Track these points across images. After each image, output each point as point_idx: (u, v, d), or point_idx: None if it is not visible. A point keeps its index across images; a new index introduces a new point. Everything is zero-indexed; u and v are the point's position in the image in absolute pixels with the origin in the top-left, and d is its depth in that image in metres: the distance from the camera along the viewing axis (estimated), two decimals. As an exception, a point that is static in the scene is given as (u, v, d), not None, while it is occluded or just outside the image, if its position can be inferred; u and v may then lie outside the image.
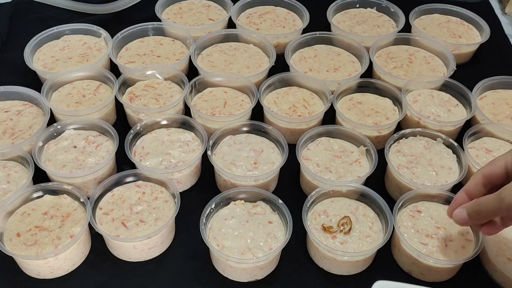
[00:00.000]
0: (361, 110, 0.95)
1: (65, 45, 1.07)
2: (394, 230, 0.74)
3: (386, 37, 1.11)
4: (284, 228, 0.75)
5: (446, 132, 0.90)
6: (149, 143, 0.87)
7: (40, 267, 0.72)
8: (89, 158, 0.84)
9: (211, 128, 0.91)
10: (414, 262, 0.74)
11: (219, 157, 0.85)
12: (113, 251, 0.77)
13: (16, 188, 0.79)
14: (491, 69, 1.06)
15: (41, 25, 1.12)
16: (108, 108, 0.95)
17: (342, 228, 0.74)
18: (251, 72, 1.02)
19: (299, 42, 1.09)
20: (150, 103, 0.93)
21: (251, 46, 1.09)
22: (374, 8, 1.21)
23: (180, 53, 1.06)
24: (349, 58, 1.07)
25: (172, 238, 0.79)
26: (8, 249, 0.71)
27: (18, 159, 0.84)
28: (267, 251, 0.71)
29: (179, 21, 1.15)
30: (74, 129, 0.88)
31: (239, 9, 1.19)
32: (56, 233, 0.73)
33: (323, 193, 0.79)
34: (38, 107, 0.94)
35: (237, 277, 0.74)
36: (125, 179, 0.81)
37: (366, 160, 0.86)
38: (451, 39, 1.13)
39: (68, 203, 0.77)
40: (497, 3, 1.32)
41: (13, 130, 0.89)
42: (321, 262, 0.76)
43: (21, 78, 1.03)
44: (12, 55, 1.09)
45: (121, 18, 1.19)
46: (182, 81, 0.96)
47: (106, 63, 1.05)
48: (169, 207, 0.77)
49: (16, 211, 0.76)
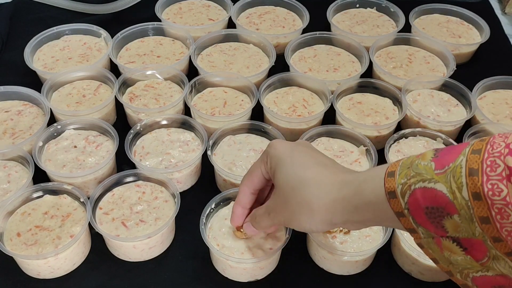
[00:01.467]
0: (361, 110, 0.95)
1: (65, 45, 1.08)
2: (394, 230, 0.74)
3: (386, 37, 1.11)
4: (284, 228, 0.75)
5: (446, 132, 0.90)
6: (149, 143, 0.87)
7: (40, 267, 0.72)
8: (89, 158, 0.84)
9: (211, 128, 0.91)
10: (414, 262, 0.74)
11: (219, 157, 0.85)
12: (113, 251, 0.77)
13: (16, 188, 0.79)
14: (491, 69, 1.06)
15: (41, 25, 1.12)
16: (108, 108, 0.95)
17: (342, 228, 0.74)
18: (251, 72, 1.02)
19: (299, 42, 1.09)
20: (150, 103, 0.93)
21: (251, 46, 1.09)
22: (374, 8, 1.21)
23: (180, 53, 1.06)
24: (349, 58, 1.07)
25: (172, 238, 0.79)
26: (8, 249, 0.71)
27: (18, 159, 0.84)
28: (267, 251, 0.71)
29: (179, 21, 1.15)
30: (74, 129, 0.88)
31: (239, 9, 1.19)
32: (57, 233, 0.73)
33: (323, 193, 0.79)
34: (38, 107, 0.94)
35: (237, 277, 0.74)
36: (125, 179, 0.81)
37: (366, 160, 0.86)
38: (451, 39, 1.13)
39: (68, 203, 0.77)
40: (497, 3, 1.32)
41: (13, 130, 0.89)
42: (321, 262, 0.76)
43: (21, 78, 1.03)
44: (12, 55, 1.09)
45: (121, 18, 1.19)
46: (182, 81, 0.96)
47: (106, 63, 1.05)
48: (169, 207, 0.78)
49: (16, 211, 0.76)
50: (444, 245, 0.45)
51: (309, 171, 0.56)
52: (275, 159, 0.59)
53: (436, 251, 0.46)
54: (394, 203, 0.46)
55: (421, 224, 0.45)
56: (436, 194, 0.43)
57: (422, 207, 0.44)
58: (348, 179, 0.53)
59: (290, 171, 0.57)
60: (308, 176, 0.55)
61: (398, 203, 0.46)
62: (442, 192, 0.42)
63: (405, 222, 0.46)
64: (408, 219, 0.46)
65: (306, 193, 0.55)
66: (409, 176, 0.45)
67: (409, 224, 0.46)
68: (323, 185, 0.54)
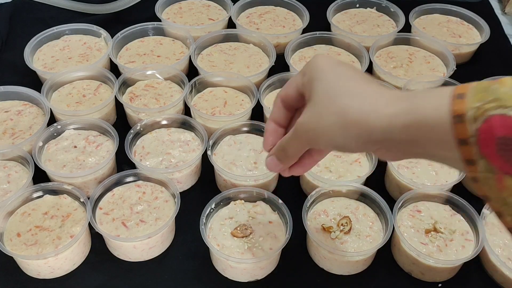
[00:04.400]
0: (361, 110, 0.94)
1: (65, 45, 1.08)
2: (394, 230, 0.74)
3: (386, 37, 1.11)
4: (284, 228, 0.75)
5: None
6: (149, 143, 0.87)
7: (40, 267, 0.72)
8: (89, 158, 0.84)
9: (211, 128, 0.91)
10: (414, 262, 0.74)
11: (219, 157, 0.85)
12: (113, 251, 0.77)
13: (16, 188, 0.79)
14: (491, 69, 1.05)
15: (41, 25, 1.12)
16: (108, 108, 0.95)
17: (342, 228, 0.74)
18: (251, 72, 1.02)
19: (299, 42, 1.09)
20: (150, 103, 0.93)
21: (251, 46, 1.09)
22: (374, 8, 1.21)
23: (180, 53, 1.06)
24: (349, 58, 1.07)
25: (172, 238, 0.79)
26: (8, 249, 0.71)
27: (18, 159, 0.84)
28: (267, 251, 0.71)
29: (179, 21, 1.15)
30: (74, 129, 0.88)
31: (239, 9, 1.19)
32: (57, 233, 0.73)
33: (323, 193, 0.79)
34: (38, 107, 0.94)
35: (237, 277, 0.74)
36: (125, 179, 0.81)
37: (366, 160, 0.86)
38: (451, 39, 1.13)
39: (68, 203, 0.77)
40: (497, 3, 1.32)
41: (13, 130, 0.89)
42: (321, 262, 0.76)
43: (21, 78, 1.03)
44: (12, 55, 1.09)
45: (121, 18, 1.19)
46: (182, 81, 0.96)
47: (106, 63, 1.05)
48: (169, 207, 0.78)
49: (16, 211, 0.76)
50: (505, 184, 0.40)
51: (353, 81, 0.49)
52: (315, 69, 0.51)
53: (493, 189, 0.41)
54: (459, 128, 0.40)
55: (486, 156, 0.40)
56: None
57: (495, 137, 0.39)
58: (403, 94, 0.46)
59: (331, 81, 0.49)
60: (352, 85, 0.48)
61: (464, 128, 0.40)
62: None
63: (465, 152, 0.41)
64: (471, 148, 0.40)
65: (346, 102, 0.47)
66: (486, 100, 0.39)
67: (470, 155, 0.40)
68: (369, 96, 0.47)
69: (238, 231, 0.73)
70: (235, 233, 0.73)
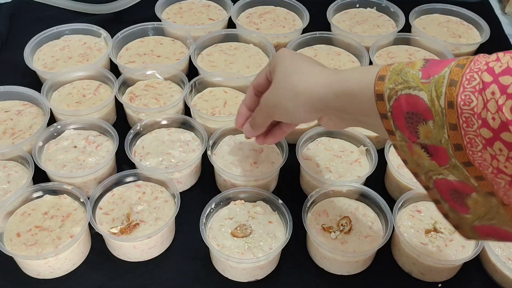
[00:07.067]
0: (361, 110, 0.94)
1: (65, 45, 1.08)
2: (394, 230, 0.74)
3: (386, 37, 1.11)
4: (284, 228, 0.75)
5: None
6: (149, 143, 0.87)
7: (40, 267, 0.72)
8: (89, 158, 0.84)
9: (211, 128, 0.91)
10: (414, 262, 0.74)
11: (219, 157, 0.85)
12: (113, 251, 0.77)
13: (16, 188, 0.79)
14: (491, 69, 1.05)
15: (41, 25, 1.11)
16: (108, 108, 0.95)
17: (342, 228, 0.74)
18: (251, 72, 1.02)
19: (299, 42, 1.09)
20: (150, 103, 0.93)
21: (251, 46, 1.09)
22: (374, 8, 1.21)
23: (180, 53, 1.06)
24: (349, 58, 1.07)
25: (172, 238, 0.79)
26: (8, 249, 0.71)
27: (18, 159, 0.84)
28: (267, 251, 0.72)
29: (179, 21, 1.15)
30: (74, 129, 0.88)
31: (239, 9, 1.19)
32: (57, 233, 0.73)
33: (323, 193, 0.79)
34: (38, 107, 0.94)
35: (237, 277, 0.74)
36: (125, 179, 0.81)
37: (366, 160, 0.86)
38: (451, 39, 1.13)
39: (68, 203, 0.77)
40: (497, 3, 1.32)
41: (13, 130, 0.89)
42: (321, 262, 0.76)
43: (21, 78, 1.03)
44: (12, 55, 1.09)
45: (121, 18, 1.19)
46: (182, 81, 0.96)
47: (106, 63, 1.05)
48: (169, 207, 0.78)
49: (16, 211, 0.76)
50: (414, 150, 0.50)
51: (304, 64, 0.61)
52: (278, 58, 0.64)
53: (407, 154, 0.51)
54: (380, 105, 0.50)
55: (399, 127, 0.50)
56: (418, 101, 0.47)
57: (403, 112, 0.48)
58: (338, 70, 0.58)
59: (287, 65, 0.62)
60: (303, 66, 0.60)
61: (383, 105, 0.50)
62: (423, 99, 0.46)
63: (386, 124, 0.51)
64: (389, 121, 0.50)
65: (296, 79, 0.59)
66: (397, 82, 0.49)
67: (389, 126, 0.50)
68: (313, 73, 0.59)
69: (238, 231, 0.73)
70: (235, 233, 0.73)
